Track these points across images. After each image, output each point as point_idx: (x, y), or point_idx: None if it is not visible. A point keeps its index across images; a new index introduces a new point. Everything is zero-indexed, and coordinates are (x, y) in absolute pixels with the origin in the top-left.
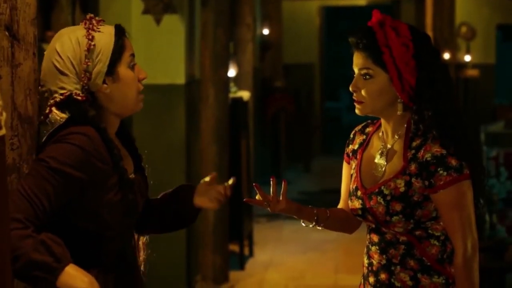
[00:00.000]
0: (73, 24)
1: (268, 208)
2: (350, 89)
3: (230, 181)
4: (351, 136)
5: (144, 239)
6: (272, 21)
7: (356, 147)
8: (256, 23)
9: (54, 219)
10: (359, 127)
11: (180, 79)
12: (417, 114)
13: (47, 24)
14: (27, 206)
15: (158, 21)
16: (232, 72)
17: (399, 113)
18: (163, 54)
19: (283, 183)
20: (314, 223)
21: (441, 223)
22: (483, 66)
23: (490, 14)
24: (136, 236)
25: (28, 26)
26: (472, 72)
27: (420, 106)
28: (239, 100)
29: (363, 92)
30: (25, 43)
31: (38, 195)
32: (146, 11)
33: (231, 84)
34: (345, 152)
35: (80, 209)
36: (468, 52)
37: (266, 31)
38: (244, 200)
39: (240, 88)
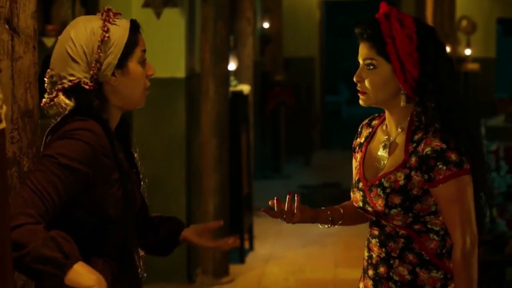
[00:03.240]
0: (73, 17)
1: (284, 221)
2: (354, 79)
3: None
4: (359, 129)
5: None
6: (272, 15)
7: (362, 140)
8: (256, 17)
9: (59, 212)
10: (366, 120)
11: (180, 73)
12: (419, 106)
13: (47, 18)
14: (38, 202)
15: (158, 14)
16: (232, 66)
17: (402, 104)
18: (163, 47)
19: (296, 196)
20: (330, 224)
21: (441, 218)
22: (483, 60)
23: (491, 8)
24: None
25: (28, 20)
26: (472, 66)
27: (422, 98)
28: (239, 93)
29: (366, 83)
30: (25, 36)
31: (48, 191)
32: (146, 5)
33: (231, 78)
34: (353, 146)
35: (84, 204)
36: (468, 46)
37: (266, 25)
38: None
39: (240, 81)
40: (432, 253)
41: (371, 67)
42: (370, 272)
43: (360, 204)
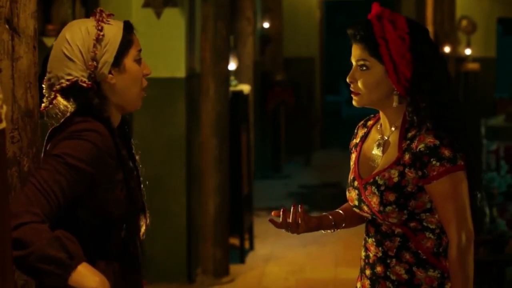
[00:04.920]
0: (73, 17)
1: (289, 232)
2: (347, 80)
3: None
4: (355, 131)
5: (142, 236)
6: (273, 15)
7: (358, 140)
8: (256, 17)
9: (62, 213)
10: (362, 121)
11: (181, 73)
12: (411, 106)
13: (47, 18)
14: (43, 200)
15: (158, 14)
16: (232, 66)
17: (394, 105)
18: (163, 47)
19: (299, 208)
20: (333, 229)
21: (436, 216)
22: (484, 59)
23: (491, 8)
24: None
25: (28, 19)
26: (473, 66)
27: (415, 98)
28: (240, 93)
29: (359, 84)
30: (26, 36)
31: (54, 190)
32: (146, 5)
33: (232, 78)
34: (349, 147)
35: (88, 204)
36: (468, 45)
37: (266, 25)
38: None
39: (241, 81)
40: (428, 252)
41: (364, 68)
42: (367, 272)
43: (356, 202)
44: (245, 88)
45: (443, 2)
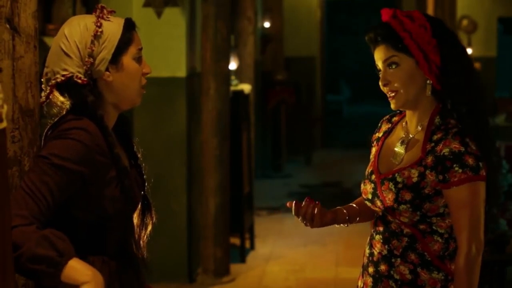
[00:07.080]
0: None
1: (304, 223)
2: (381, 83)
3: None
4: (379, 124)
5: (145, 237)
6: (273, 14)
7: (380, 134)
8: (257, 16)
9: (56, 212)
10: (387, 116)
11: (181, 72)
12: (446, 89)
13: (48, 17)
14: (31, 203)
15: (159, 14)
16: (233, 65)
17: (428, 94)
18: (164, 47)
19: (316, 202)
20: (347, 223)
21: (447, 221)
22: (484, 59)
23: (491, 7)
24: (138, 231)
25: (29, 19)
26: None
27: (448, 82)
28: (240, 93)
29: (394, 82)
30: (26, 36)
31: (41, 191)
32: (147, 4)
33: (232, 77)
34: (371, 139)
35: (82, 203)
36: (469, 45)
37: (267, 24)
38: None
39: (241, 81)
40: (434, 254)
41: (394, 66)
42: (371, 270)
43: (369, 196)
44: (246, 87)
45: (444, 2)
